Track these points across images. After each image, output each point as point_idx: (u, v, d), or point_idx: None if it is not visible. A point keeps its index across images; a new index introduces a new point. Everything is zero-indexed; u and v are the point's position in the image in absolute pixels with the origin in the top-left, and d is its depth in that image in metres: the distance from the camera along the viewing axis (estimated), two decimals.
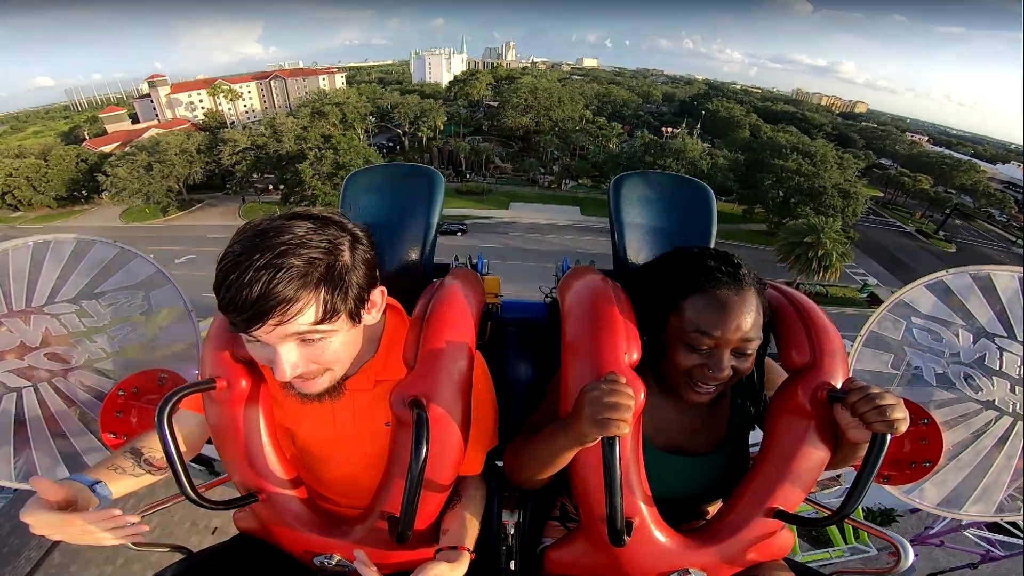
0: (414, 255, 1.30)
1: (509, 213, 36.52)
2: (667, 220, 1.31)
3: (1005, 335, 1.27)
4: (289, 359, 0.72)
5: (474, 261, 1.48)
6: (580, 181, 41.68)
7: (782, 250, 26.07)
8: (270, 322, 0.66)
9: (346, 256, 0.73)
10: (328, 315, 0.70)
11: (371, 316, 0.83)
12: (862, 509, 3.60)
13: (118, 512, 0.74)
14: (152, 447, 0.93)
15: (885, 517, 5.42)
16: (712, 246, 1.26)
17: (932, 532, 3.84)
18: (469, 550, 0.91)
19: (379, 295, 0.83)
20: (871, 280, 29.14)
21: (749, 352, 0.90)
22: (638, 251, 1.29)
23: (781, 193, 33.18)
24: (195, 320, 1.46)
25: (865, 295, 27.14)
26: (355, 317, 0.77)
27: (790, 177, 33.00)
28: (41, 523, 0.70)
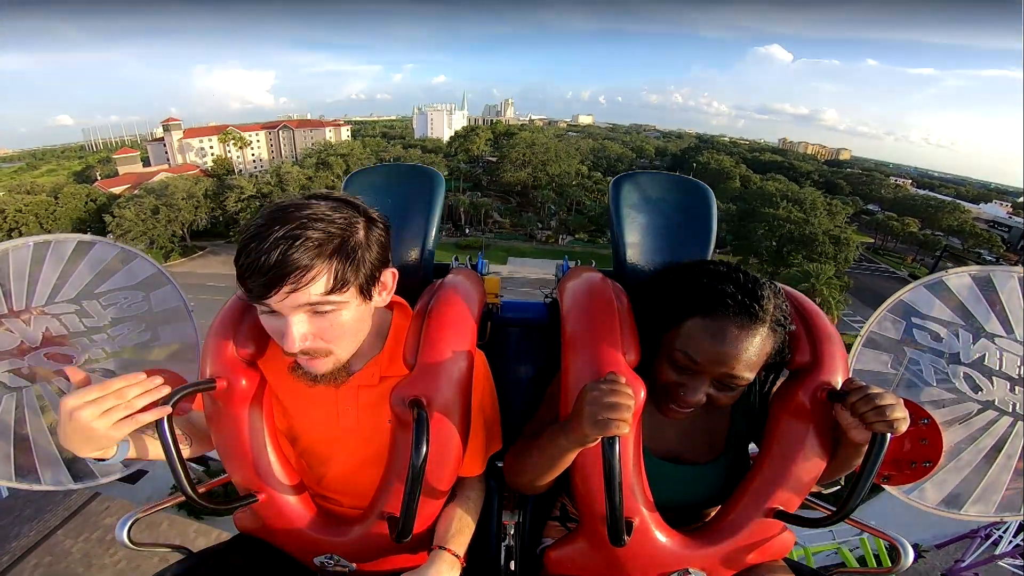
0: (414, 255, 1.30)
1: (507, 268, 36.64)
2: (667, 220, 1.30)
3: (1005, 335, 1.27)
4: (299, 330, 0.74)
5: (474, 261, 1.48)
6: (576, 236, 42.23)
7: None
8: (284, 289, 0.70)
9: (360, 234, 0.77)
10: (339, 285, 0.73)
11: (382, 298, 0.85)
12: (883, 544, 3.52)
13: (143, 375, 0.76)
14: (179, 424, 0.93)
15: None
16: (712, 246, 1.26)
17: (963, 565, 3.69)
18: (452, 551, 0.91)
19: (390, 276, 0.86)
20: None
21: (733, 387, 0.86)
22: (638, 251, 1.29)
23: (774, 242, 34.00)
24: (195, 320, 1.46)
25: None
26: (365, 293, 0.80)
27: (781, 225, 33.78)
28: (80, 401, 0.70)
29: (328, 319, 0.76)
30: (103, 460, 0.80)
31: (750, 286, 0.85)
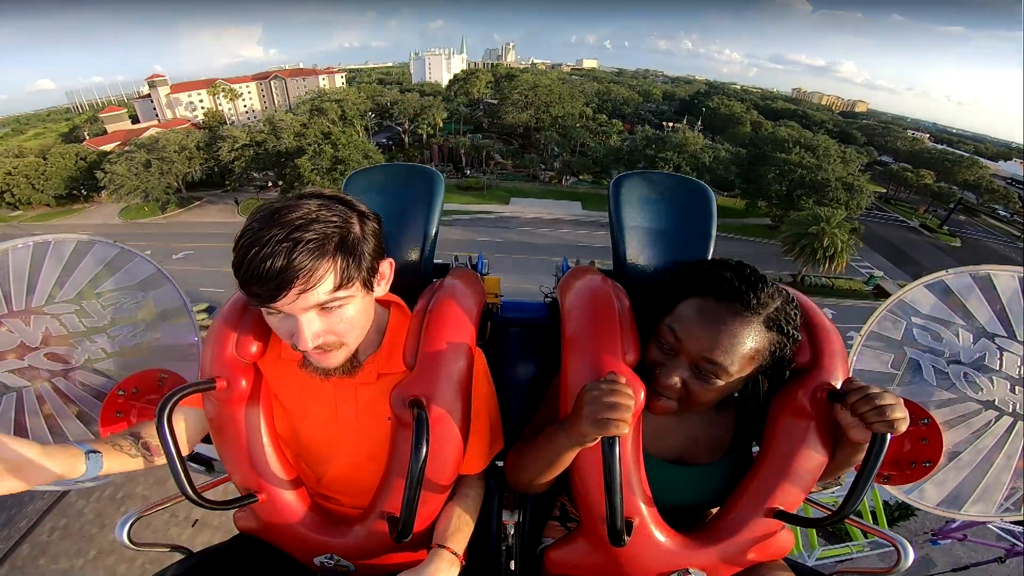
0: (414, 255, 1.30)
1: (510, 208, 36.40)
2: (667, 220, 1.30)
3: (1005, 335, 1.27)
4: (312, 328, 0.76)
5: (474, 261, 1.48)
6: (581, 177, 41.44)
7: (787, 242, 25.65)
8: (293, 292, 0.71)
9: (356, 229, 0.78)
10: (345, 281, 0.75)
11: (381, 287, 0.87)
12: (881, 503, 3.52)
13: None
14: (151, 434, 0.93)
15: (903, 512, 5.29)
16: (711, 246, 1.26)
17: (954, 526, 3.74)
18: (451, 549, 0.91)
19: (387, 266, 0.87)
20: (877, 272, 28.74)
21: (713, 380, 0.83)
22: (638, 251, 1.29)
23: (784, 187, 32.83)
24: (195, 320, 1.46)
25: (871, 287, 26.81)
26: (368, 285, 0.81)
27: (793, 170, 32.59)
28: None
29: (337, 314, 0.78)
30: (69, 479, 0.79)
31: (751, 277, 0.84)
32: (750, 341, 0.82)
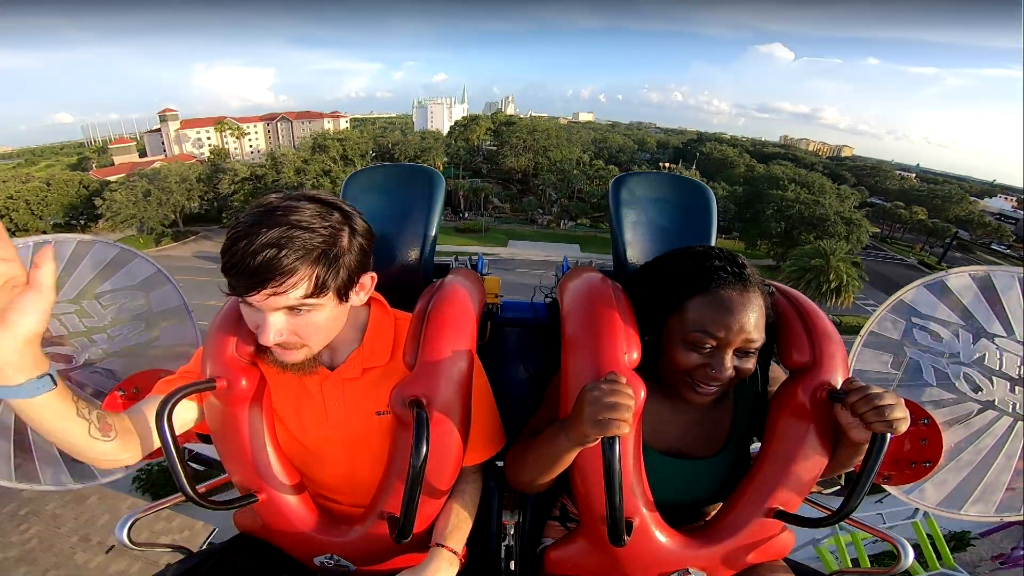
0: (414, 255, 1.30)
1: (507, 251, 36.11)
2: (667, 220, 1.31)
3: (1005, 335, 1.27)
4: (275, 325, 0.78)
5: (474, 261, 1.48)
6: (579, 221, 41.53)
7: (791, 277, 25.37)
8: (265, 291, 0.73)
9: (344, 241, 0.79)
10: (317, 291, 0.77)
11: (359, 297, 0.88)
12: (939, 532, 3.40)
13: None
14: (116, 419, 0.82)
15: (959, 543, 5.11)
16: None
17: (1021, 553, 3.54)
18: (450, 548, 0.92)
19: (368, 279, 0.88)
20: None
21: (752, 352, 0.89)
22: (638, 251, 1.29)
23: (783, 224, 33.05)
24: (195, 320, 1.46)
25: None
26: (342, 296, 0.83)
27: (791, 206, 32.72)
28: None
29: (304, 318, 0.80)
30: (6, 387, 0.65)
31: (731, 257, 0.92)
32: (762, 308, 0.89)
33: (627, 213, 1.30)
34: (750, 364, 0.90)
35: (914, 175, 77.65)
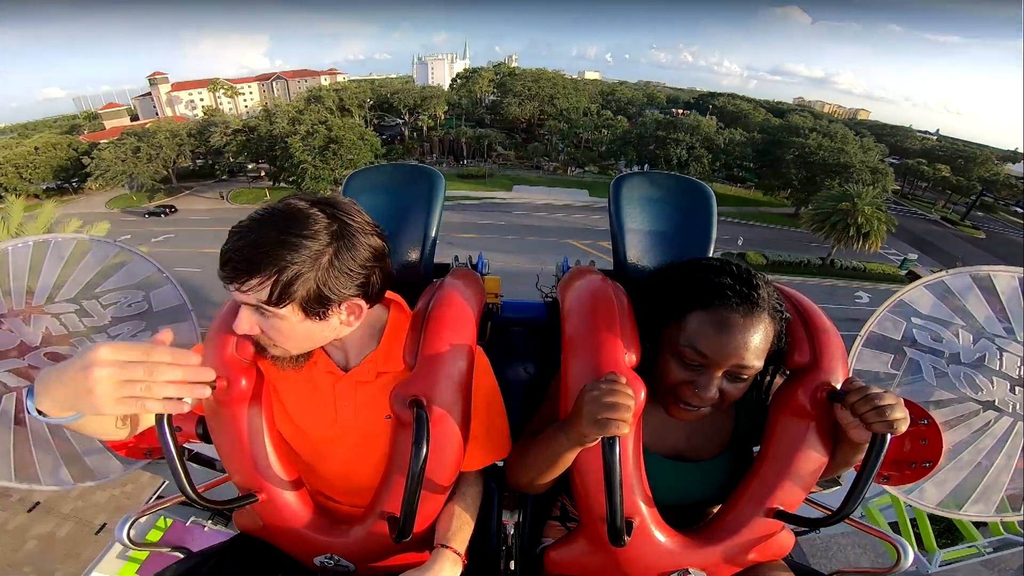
0: (414, 255, 1.30)
1: (513, 195, 35.65)
2: (667, 221, 1.31)
3: (1005, 335, 1.27)
4: (245, 320, 0.82)
5: (474, 261, 1.48)
6: (587, 168, 40.58)
7: (815, 220, 24.03)
8: (232, 286, 0.77)
9: (323, 261, 0.78)
10: (276, 302, 0.78)
11: (342, 320, 0.85)
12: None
13: (196, 357, 0.74)
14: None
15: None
16: (712, 246, 1.26)
17: None
18: (454, 549, 0.91)
19: (356, 307, 0.85)
20: (911, 255, 27.22)
21: (744, 378, 0.86)
22: (638, 251, 1.29)
23: (804, 171, 31.34)
24: (195, 320, 1.46)
25: (905, 271, 25.00)
26: (312, 314, 0.82)
27: (813, 152, 31.01)
28: (112, 357, 0.65)
29: (269, 322, 0.81)
30: (47, 417, 0.74)
31: (745, 276, 0.86)
32: (766, 334, 0.85)
33: (627, 213, 1.30)
34: (738, 390, 0.87)
35: (934, 137, 75.46)
